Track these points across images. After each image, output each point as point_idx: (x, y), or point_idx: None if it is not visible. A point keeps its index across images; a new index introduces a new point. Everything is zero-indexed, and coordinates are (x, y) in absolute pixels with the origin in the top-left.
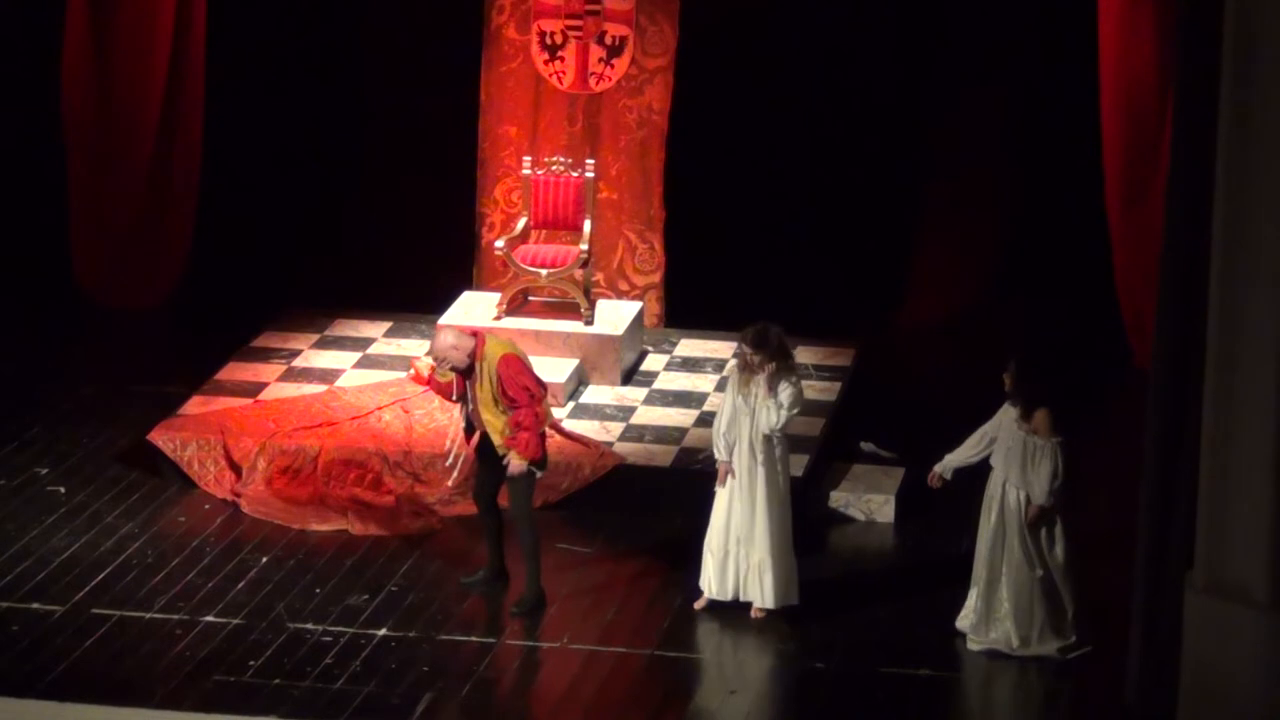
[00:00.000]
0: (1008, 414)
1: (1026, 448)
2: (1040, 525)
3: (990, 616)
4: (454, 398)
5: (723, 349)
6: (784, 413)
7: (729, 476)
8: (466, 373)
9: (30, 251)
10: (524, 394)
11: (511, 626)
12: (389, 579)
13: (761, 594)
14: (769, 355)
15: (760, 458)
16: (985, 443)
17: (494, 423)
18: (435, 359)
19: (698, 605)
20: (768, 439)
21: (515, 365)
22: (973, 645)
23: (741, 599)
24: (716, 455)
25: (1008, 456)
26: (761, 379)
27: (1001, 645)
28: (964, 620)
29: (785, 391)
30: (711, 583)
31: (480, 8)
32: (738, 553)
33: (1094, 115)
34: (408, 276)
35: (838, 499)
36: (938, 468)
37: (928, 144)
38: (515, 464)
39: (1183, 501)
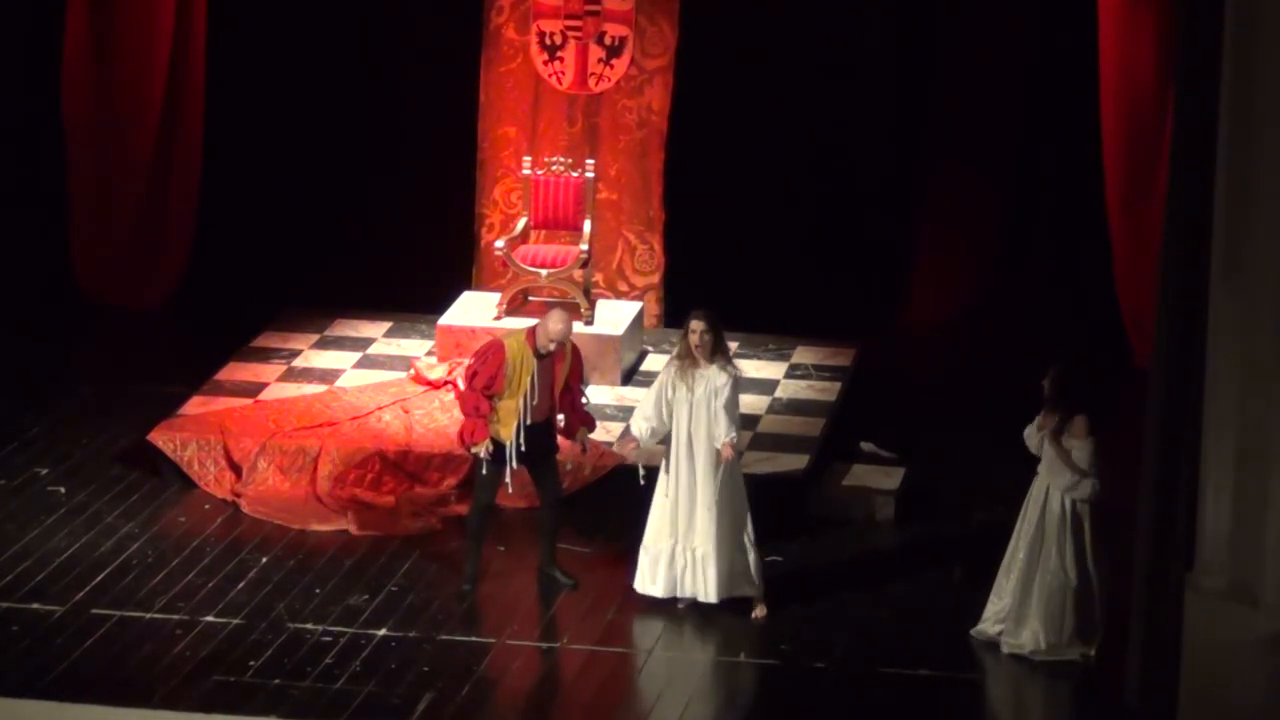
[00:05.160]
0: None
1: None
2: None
3: (1021, 618)
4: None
5: None
6: (729, 426)
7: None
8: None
9: (30, 251)
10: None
11: (512, 626)
12: (389, 579)
13: (706, 587)
14: (716, 339)
15: (700, 449)
16: None
17: (555, 405)
18: (553, 340)
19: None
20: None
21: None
22: (1005, 648)
23: (680, 595)
24: (634, 432)
25: (1050, 465)
26: (702, 370)
27: (1027, 648)
28: (988, 624)
29: (725, 393)
30: (645, 580)
31: (479, 8)
32: (675, 548)
33: (1094, 115)
34: (408, 276)
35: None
36: None
37: (928, 144)
38: (587, 438)
39: (1183, 502)
